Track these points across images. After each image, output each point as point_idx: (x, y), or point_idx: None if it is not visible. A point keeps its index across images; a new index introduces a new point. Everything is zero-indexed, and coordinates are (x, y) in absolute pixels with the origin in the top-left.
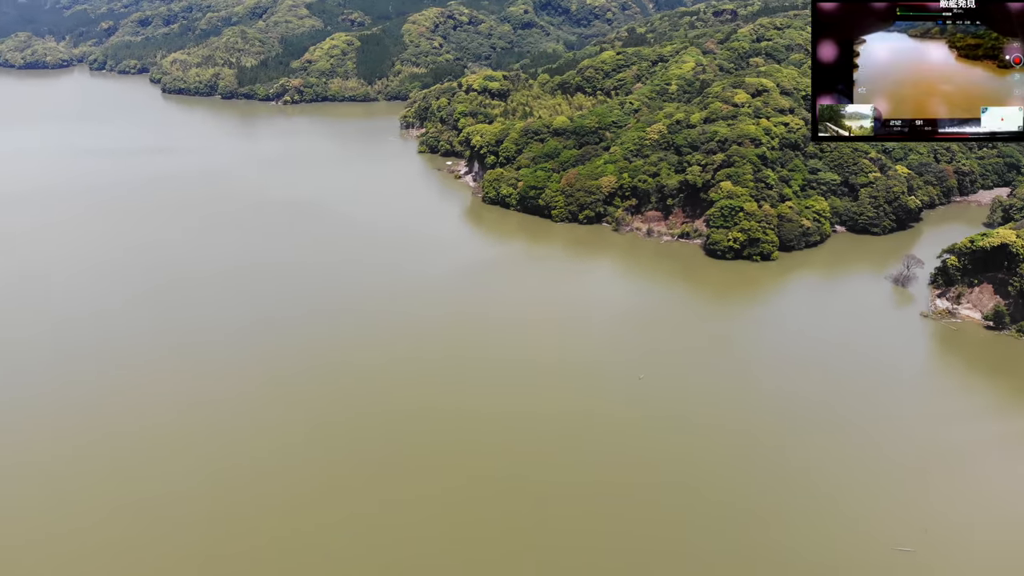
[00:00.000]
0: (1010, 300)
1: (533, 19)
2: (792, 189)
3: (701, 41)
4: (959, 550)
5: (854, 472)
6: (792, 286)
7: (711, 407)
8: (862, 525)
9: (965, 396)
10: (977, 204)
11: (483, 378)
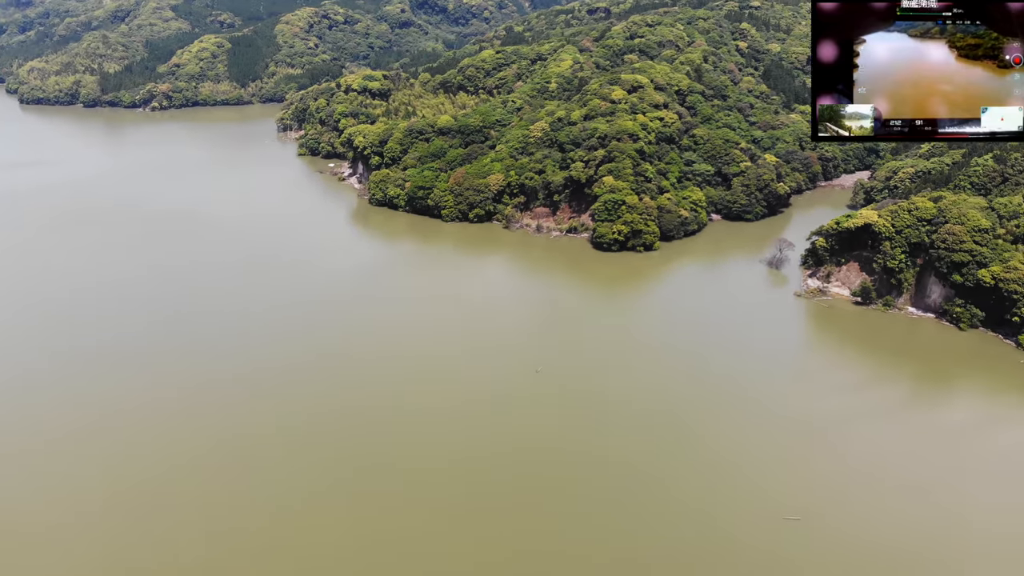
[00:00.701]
0: (875, 276)
1: (411, 18)
2: (670, 181)
3: (577, 39)
4: (842, 516)
5: (744, 446)
6: (675, 274)
7: (607, 391)
8: (752, 496)
9: (839, 369)
10: (841, 187)
11: (382, 376)
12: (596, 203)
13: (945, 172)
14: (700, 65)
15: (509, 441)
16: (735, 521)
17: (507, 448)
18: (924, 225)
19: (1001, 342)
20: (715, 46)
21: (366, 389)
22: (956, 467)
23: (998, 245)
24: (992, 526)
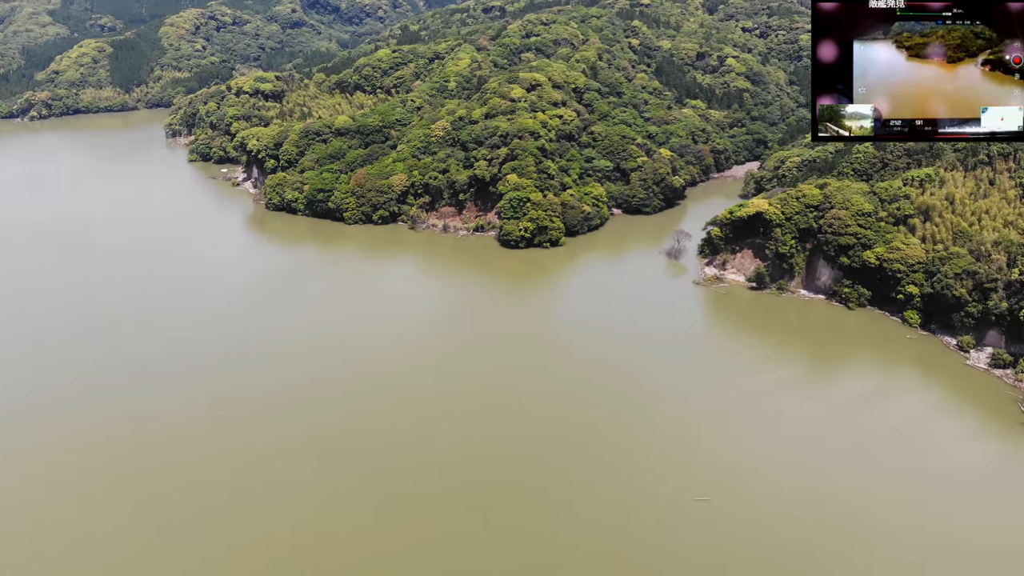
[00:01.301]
0: (768, 262)
1: (302, 18)
2: (571, 178)
3: (474, 38)
4: (748, 494)
5: (652, 431)
6: (581, 267)
7: (516, 384)
8: (662, 479)
9: (738, 352)
10: (732, 178)
11: (279, 387)
12: (501, 201)
13: (829, 160)
14: (595, 63)
15: (410, 435)
16: (646, 503)
17: (414, 444)
18: (812, 211)
19: (888, 319)
20: (609, 44)
21: (258, 398)
22: (854, 441)
23: (881, 227)
24: (886, 498)
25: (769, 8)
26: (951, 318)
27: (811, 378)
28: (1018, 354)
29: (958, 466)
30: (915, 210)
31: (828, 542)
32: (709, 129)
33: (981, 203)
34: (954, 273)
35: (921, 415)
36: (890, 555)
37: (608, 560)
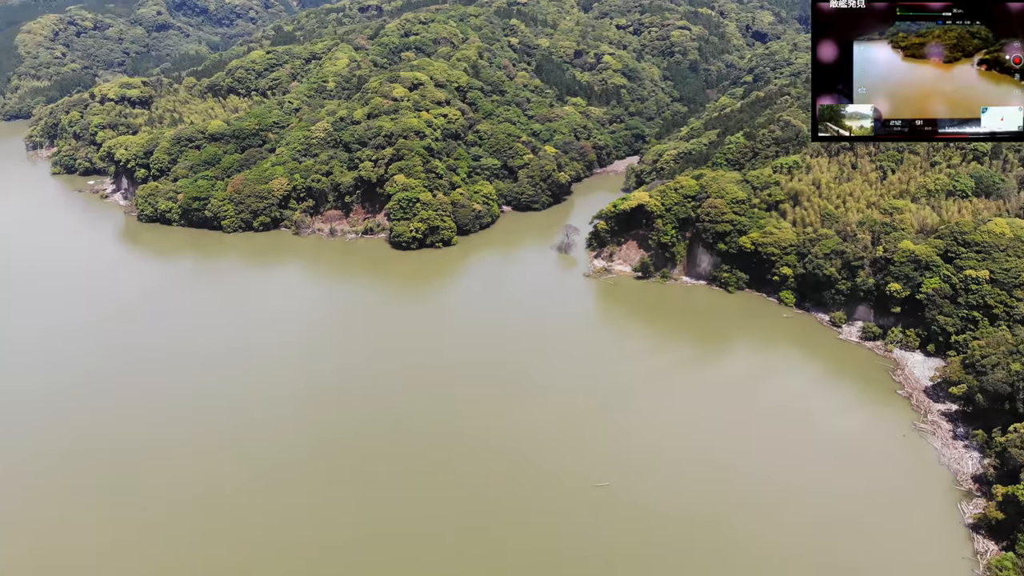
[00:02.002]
0: (652, 252)
1: (168, 20)
2: (460, 176)
3: (352, 37)
4: (647, 476)
5: (553, 420)
6: (475, 265)
7: (409, 382)
8: (564, 466)
9: (630, 339)
10: (614, 173)
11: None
12: (390, 202)
13: (703, 152)
14: (476, 61)
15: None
16: (549, 492)
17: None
18: (690, 201)
19: (765, 300)
20: (489, 42)
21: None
22: (742, 417)
23: (754, 214)
24: (778, 468)
25: (641, 6)
26: (823, 296)
27: (698, 360)
28: (886, 326)
29: (840, 433)
30: (785, 196)
31: (725, 516)
32: (590, 126)
33: (845, 186)
34: (823, 254)
35: (803, 389)
36: (786, 520)
37: (517, 551)
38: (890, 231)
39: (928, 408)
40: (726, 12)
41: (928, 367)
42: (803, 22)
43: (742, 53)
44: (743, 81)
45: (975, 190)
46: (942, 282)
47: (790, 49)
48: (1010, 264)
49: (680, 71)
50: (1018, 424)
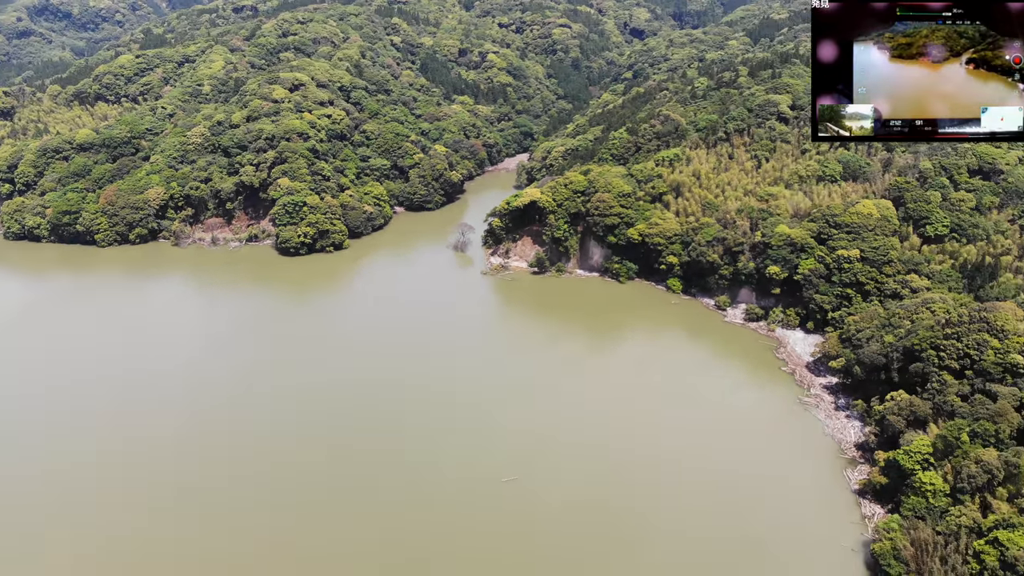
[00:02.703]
0: (546, 247)
1: (30, 27)
2: (348, 178)
3: (226, 39)
4: (553, 467)
5: (458, 417)
6: (369, 268)
7: (309, 387)
8: (471, 463)
9: (529, 332)
10: (506, 170)
11: None
12: (275, 207)
13: (590, 148)
14: (359, 61)
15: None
16: (457, 489)
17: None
18: (579, 196)
19: (654, 288)
20: (371, 41)
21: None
22: (639, 401)
23: (640, 206)
24: (678, 448)
25: (522, 4)
26: (708, 281)
27: (594, 349)
28: (767, 307)
29: (731, 410)
30: (668, 187)
31: (628, 497)
32: (479, 124)
33: (723, 176)
34: (706, 241)
35: (694, 371)
36: (686, 496)
37: (428, 547)
38: (767, 217)
39: (811, 382)
40: (604, 9)
41: (808, 343)
42: (677, 18)
43: (621, 50)
44: (623, 78)
45: (843, 174)
46: (817, 263)
47: (666, 45)
48: (878, 243)
49: (563, 69)
50: (894, 392)
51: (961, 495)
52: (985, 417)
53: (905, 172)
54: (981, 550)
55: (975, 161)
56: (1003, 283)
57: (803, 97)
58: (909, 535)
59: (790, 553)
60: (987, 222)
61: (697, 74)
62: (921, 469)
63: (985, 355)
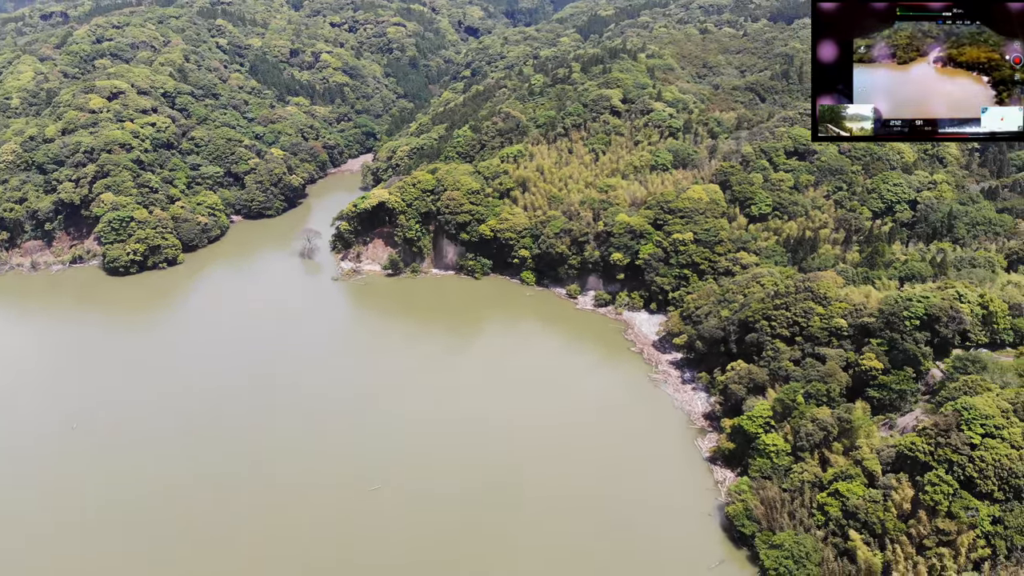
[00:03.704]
0: (399, 248)
1: None
2: (179, 189)
3: (35, 48)
4: (418, 470)
5: (318, 427)
6: (208, 283)
7: (158, 413)
8: (336, 471)
9: (388, 335)
10: (350, 172)
11: None
12: (99, 225)
13: (435, 146)
14: (183, 65)
15: None
16: (322, 499)
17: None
18: (429, 195)
19: (509, 282)
20: (194, 44)
21: None
22: (504, 392)
23: (489, 202)
24: (535, 435)
25: (354, 3)
26: (558, 272)
27: (455, 345)
28: (614, 292)
29: (588, 391)
30: (515, 183)
31: (504, 485)
32: (317, 125)
33: (565, 170)
34: (554, 233)
35: (551, 357)
36: (555, 477)
37: (298, 557)
38: (608, 207)
39: (658, 359)
40: (438, 8)
41: (653, 323)
42: (510, 16)
43: (458, 48)
44: (462, 76)
45: (674, 163)
46: (655, 247)
47: (502, 43)
48: (709, 225)
49: (401, 68)
50: (734, 363)
51: (801, 453)
52: (817, 379)
53: (729, 157)
54: (824, 502)
55: (791, 143)
56: (823, 254)
57: (633, 91)
58: (759, 495)
59: (651, 524)
60: (805, 199)
61: (533, 71)
62: (764, 432)
63: (812, 321)
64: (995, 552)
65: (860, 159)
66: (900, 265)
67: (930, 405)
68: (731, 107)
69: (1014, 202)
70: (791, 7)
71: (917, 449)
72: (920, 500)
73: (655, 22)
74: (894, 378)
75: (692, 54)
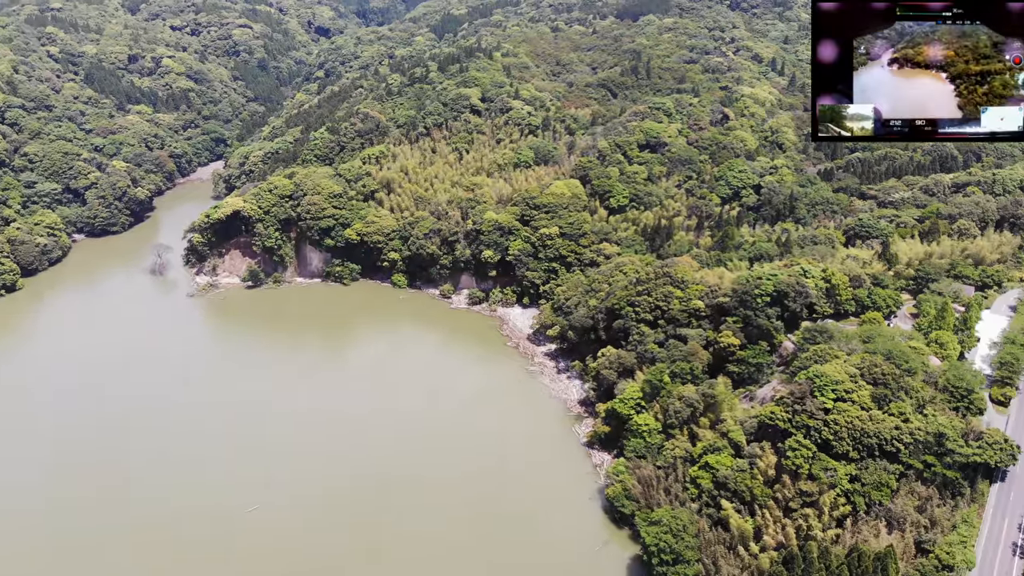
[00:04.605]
0: (259, 258)
1: None
2: (13, 209)
3: None
4: (298, 486)
5: (193, 455)
6: (53, 310)
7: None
8: (213, 495)
9: (254, 352)
10: (200, 181)
11: None
12: None
13: (291, 150)
14: (11, 77)
15: None
16: (198, 523)
17: None
18: (287, 201)
19: (381, 286)
20: (23, 55)
21: None
22: (384, 396)
23: (353, 206)
24: (422, 435)
25: (195, 5)
26: (430, 273)
27: (330, 355)
28: (487, 289)
29: (467, 388)
30: (379, 185)
31: (394, 486)
32: (162, 134)
33: (430, 170)
34: (423, 234)
35: (429, 357)
36: (442, 472)
37: None
38: (475, 205)
39: (533, 352)
40: (285, 8)
41: (527, 317)
42: (361, 16)
43: (309, 49)
44: (316, 77)
45: (535, 160)
46: (524, 243)
47: (355, 43)
48: (572, 218)
49: (250, 71)
50: (604, 349)
51: (672, 430)
52: (680, 358)
53: (587, 152)
54: (696, 475)
55: (643, 137)
56: (678, 241)
57: (491, 89)
58: (635, 474)
59: (535, 513)
60: (659, 189)
61: (390, 71)
62: (636, 413)
63: (672, 305)
64: (855, 508)
65: (707, 149)
66: (749, 246)
67: (785, 375)
68: (586, 103)
69: (848, 181)
70: (636, 4)
71: (776, 418)
72: (783, 465)
73: (508, 21)
74: (751, 352)
75: (546, 52)
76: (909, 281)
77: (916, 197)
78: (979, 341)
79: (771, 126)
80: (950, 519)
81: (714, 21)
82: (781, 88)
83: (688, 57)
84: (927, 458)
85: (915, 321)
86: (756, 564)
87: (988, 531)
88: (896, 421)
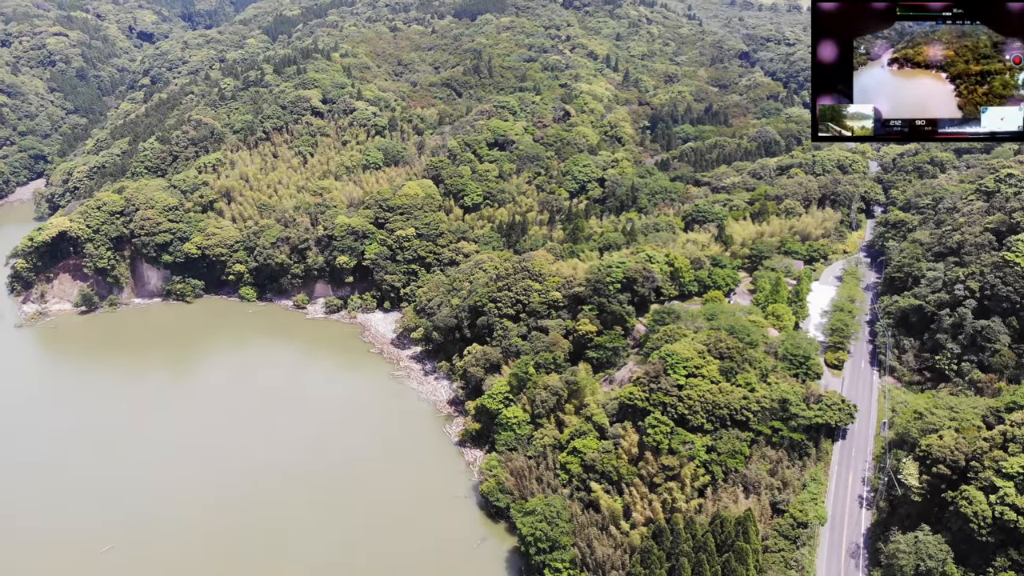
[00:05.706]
0: (91, 281)
1: None
2: None
3: None
4: (153, 517)
5: (33, 494)
6: None
7: None
8: (62, 537)
9: (92, 381)
10: (20, 201)
11: None
12: None
13: (118, 163)
14: None
15: None
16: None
17: None
18: (119, 217)
19: (228, 301)
20: None
21: None
22: (239, 416)
23: (191, 218)
24: (287, 450)
25: (4, 15)
26: (281, 283)
27: (178, 379)
28: (345, 296)
29: (334, 399)
30: (218, 194)
31: (254, 519)
32: None
33: (273, 175)
34: (270, 243)
35: (289, 372)
36: (317, 484)
37: None
38: (325, 210)
39: (399, 356)
40: (103, 14)
41: (389, 322)
42: (187, 19)
43: (132, 56)
44: (141, 84)
45: (385, 161)
46: (380, 246)
47: (182, 47)
48: (428, 219)
49: (68, 81)
50: (470, 347)
51: (540, 419)
52: (543, 349)
53: (437, 152)
54: (565, 461)
55: (491, 135)
56: (532, 235)
57: (332, 90)
58: (507, 467)
59: (411, 517)
60: (510, 186)
61: (222, 75)
62: (504, 407)
63: (532, 298)
64: (714, 478)
65: (552, 145)
66: (598, 237)
67: (639, 357)
68: (431, 103)
69: (683, 170)
70: (473, 4)
71: (635, 398)
72: (645, 443)
73: (344, 21)
74: (607, 338)
75: (386, 52)
76: (744, 260)
77: (746, 181)
78: (811, 311)
79: (609, 121)
80: (800, 479)
81: (549, 20)
82: (616, 84)
83: (528, 56)
84: (774, 423)
85: (753, 296)
86: (628, 541)
87: (835, 486)
88: (743, 391)
